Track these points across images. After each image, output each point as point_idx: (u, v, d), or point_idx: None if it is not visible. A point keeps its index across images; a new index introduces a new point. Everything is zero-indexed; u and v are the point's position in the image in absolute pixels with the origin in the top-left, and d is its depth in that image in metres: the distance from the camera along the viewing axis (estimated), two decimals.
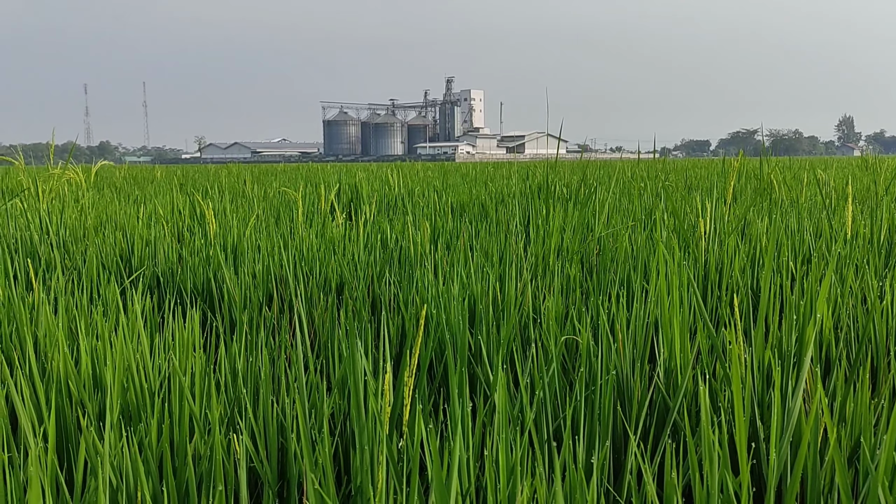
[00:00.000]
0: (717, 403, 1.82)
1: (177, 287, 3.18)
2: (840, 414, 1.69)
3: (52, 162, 6.08)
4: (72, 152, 6.19)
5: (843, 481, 1.29)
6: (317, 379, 1.85)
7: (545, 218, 4.51)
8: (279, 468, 1.73)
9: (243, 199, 7.46)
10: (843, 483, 1.27)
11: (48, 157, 6.13)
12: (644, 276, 3.14)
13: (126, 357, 1.80)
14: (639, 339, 2.09)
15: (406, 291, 2.84)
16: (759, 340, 1.84)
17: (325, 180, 10.43)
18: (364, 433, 1.37)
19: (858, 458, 1.62)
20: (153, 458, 1.50)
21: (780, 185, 5.66)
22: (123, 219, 4.97)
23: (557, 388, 1.80)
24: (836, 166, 13.00)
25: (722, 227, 3.36)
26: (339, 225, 4.53)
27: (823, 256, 3.07)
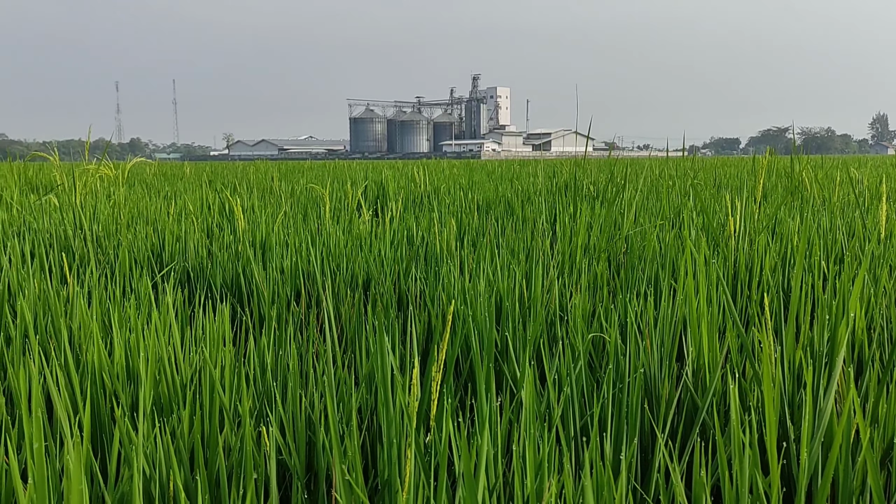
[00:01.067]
0: (746, 403, 1.80)
1: (206, 282, 3.22)
2: (872, 415, 1.66)
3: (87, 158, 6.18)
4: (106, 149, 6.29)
5: (876, 483, 1.27)
6: (344, 374, 1.87)
7: (572, 215, 4.49)
8: (307, 461, 1.75)
9: (271, 195, 7.52)
10: (875, 484, 1.26)
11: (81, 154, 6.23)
12: (672, 274, 3.12)
13: (158, 350, 1.83)
14: (667, 337, 2.08)
15: (432, 288, 2.85)
16: (789, 340, 1.82)
17: (352, 177, 10.49)
18: (392, 427, 1.38)
19: (891, 459, 1.60)
20: (185, 448, 1.53)
21: (811, 184, 5.58)
22: (154, 214, 5.04)
23: (585, 385, 1.80)
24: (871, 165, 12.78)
25: (752, 226, 3.32)
26: (366, 222, 4.55)
27: (856, 256, 3.03)
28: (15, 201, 5.47)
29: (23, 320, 2.04)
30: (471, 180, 9.91)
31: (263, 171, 13.65)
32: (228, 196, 4.63)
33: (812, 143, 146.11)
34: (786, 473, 1.64)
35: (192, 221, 4.39)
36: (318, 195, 7.14)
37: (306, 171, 15.23)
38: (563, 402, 1.65)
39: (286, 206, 5.82)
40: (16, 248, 3.12)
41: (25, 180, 8.27)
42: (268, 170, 13.78)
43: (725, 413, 1.84)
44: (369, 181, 8.75)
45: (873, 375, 1.75)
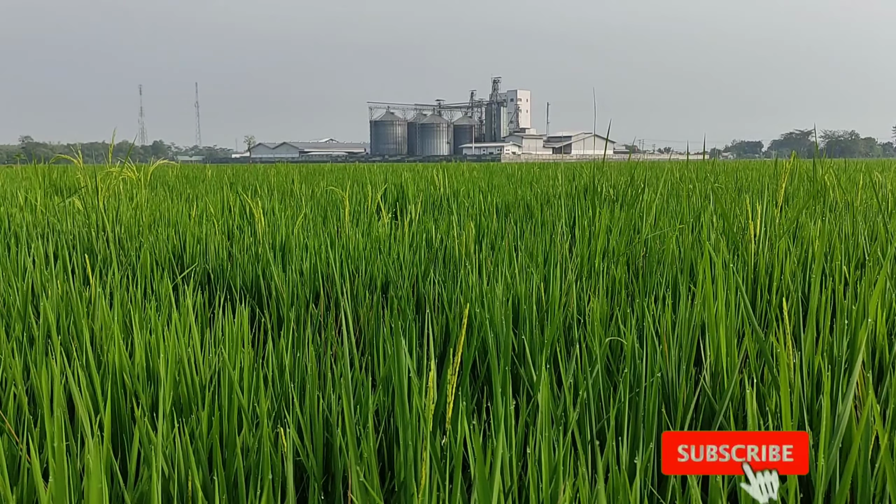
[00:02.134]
0: (764, 408, 1.79)
1: (227, 283, 3.25)
2: (893, 421, 1.65)
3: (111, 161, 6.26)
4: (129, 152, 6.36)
5: (895, 489, 1.26)
6: (362, 376, 1.88)
7: (591, 219, 4.48)
8: (324, 463, 1.76)
9: (291, 198, 7.57)
10: (894, 491, 1.25)
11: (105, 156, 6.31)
12: (691, 278, 3.10)
13: (178, 351, 1.86)
14: (685, 342, 2.07)
15: (450, 291, 2.86)
16: (808, 345, 1.81)
17: (372, 180, 10.53)
18: (408, 430, 1.39)
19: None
20: (203, 449, 1.54)
21: (834, 188, 5.51)
22: (176, 217, 5.09)
23: (601, 389, 1.80)
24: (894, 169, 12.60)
25: (773, 230, 3.29)
26: (385, 224, 4.57)
27: (878, 261, 2.99)
28: (39, 203, 5.56)
29: (45, 321, 2.08)
30: (490, 183, 9.91)
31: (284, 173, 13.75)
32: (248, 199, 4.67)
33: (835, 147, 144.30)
34: (804, 479, 1.63)
35: (212, 224, 4.44)
36: (337, 198, 7.18)
37: (326, 173, 15.31)
38: (580, 406, 1.65)
39: (306, 209, 5.86)
40: (39, 249, 3.17)
41: (50, 182, 8.39)
42: (288, 172, 13.87)
43: (743, 418, 1.82)
44: (389, 184, 8.77)
45: (894, 381, 1.73)
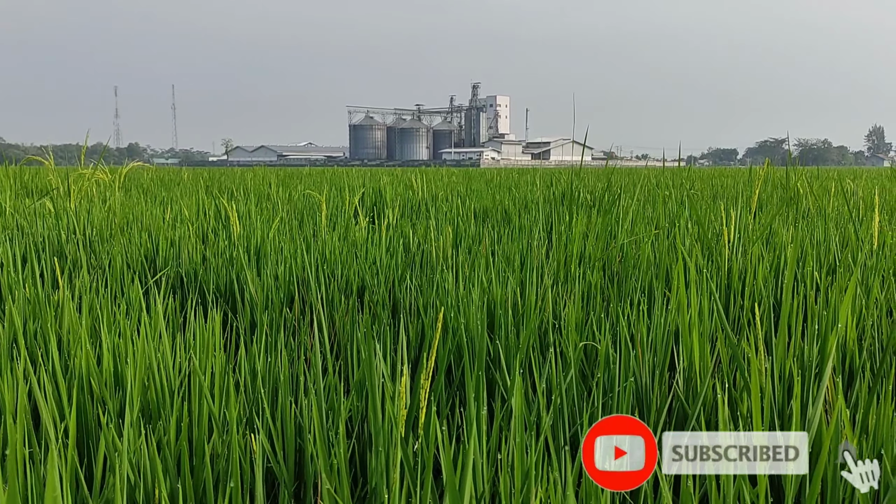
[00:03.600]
0: (736, 412, 1.80)
1: (200, 287, 3.21)
2: (862, 425, 1.66)
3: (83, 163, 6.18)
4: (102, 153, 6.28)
5: (863, 495, 1.27)
6: (335, 381, 1.86)
7: (568, 224, 4.49)
8: (297, 469, 1.74)
9: (268, 201, 7.52)
10: (862, 497, 1.25)
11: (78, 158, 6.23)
12: (666, 283, 3.12)
13: (147, 355, 1.83)
14: (659, 347, 2.07)
15: (426, 295, 2.85)
16: (780, 350, 1.82)
17: (350, 184, 10.49)
18: (380, 435, 1.38)
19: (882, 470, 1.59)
20: (171, 456, 1.52)
21: (806, 195, 5.58)
22: (149, 220, 5.03)
23: (575, 394, 1.80)
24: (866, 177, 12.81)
25: (746, 236, 3.32)
26: (362, 228, 4.55)
27: (849, 267, 3.03)
28: (9, 206, 5.46)
29: (11, 325, 2.04)
30: (469, 188, 9.91)
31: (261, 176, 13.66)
32: (224, 202, 4.63)
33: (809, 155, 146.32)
34: (776, 484, 1.63)
35: (187, 227, 4.39)
36: (315, 202, 7.14)
37: (304, 177, 15.23)
38: (553, 411, 1.64)
39: (283, 213, 5.82)
40: (7, 252, 3.11)
41: (21, 184, 8.26)
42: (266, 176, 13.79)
43: (716, 423, 1.83)
44: (367, 188, 8.75)
45: (864, 386, 1.75)
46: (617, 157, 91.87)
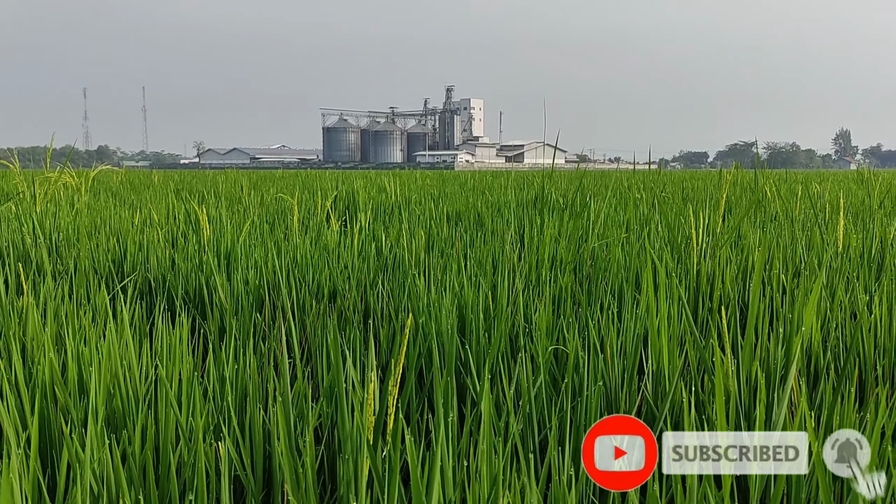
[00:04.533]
0: (703, 415, 1.82)
1: (168, 293, 3.17)
2: (826, 426, 1.69)
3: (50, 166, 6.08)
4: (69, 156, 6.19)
5: (827, 496, 1.29)
6: (305, 386, 1.85)
7: (540, 228, 4.51)
8: (266, 476, 1.72)
9: (239, 205, 7.46)
10: (826, 498, 1.27)
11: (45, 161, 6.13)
12: (636, 286, 3.14)
13: (112, 363, 1.80)
14: (629, 350, 2.09)
15: (398, 300, 2.84)
16: (746, 353, 1.84)
17: (323, 187, 10.44)
18: (348, 442, 1.37)
19: None
20: (136, 465, 1.50)
21: (774, 198, 5.67)
22: (118, 223, 4.96)
23: (545, 398, 1.80)
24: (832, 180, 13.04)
25: (715, 239, 3.36)
26: (334, 232, 4.53)
27: (815, 270, 3.08)
28: None
29: None
30: (442, 191, 9.92)
31: (233, 179, 13.54)
32: (194, 205, 4.58)
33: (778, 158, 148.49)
34: (742, 486, 1.65)
35: (156, 231, 4.34)
36: (287, 205, 7.09)
37: (277, 180, 15.13)
38: (522, 417, 1.65)
39: (254, 216, 5.77)
40: None
41: None
42: (238, 178, 13.67)
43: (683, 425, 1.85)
44: (340, 191, 8.71)
45: (828, 387, 1.78)
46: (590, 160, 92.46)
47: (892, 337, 2.23)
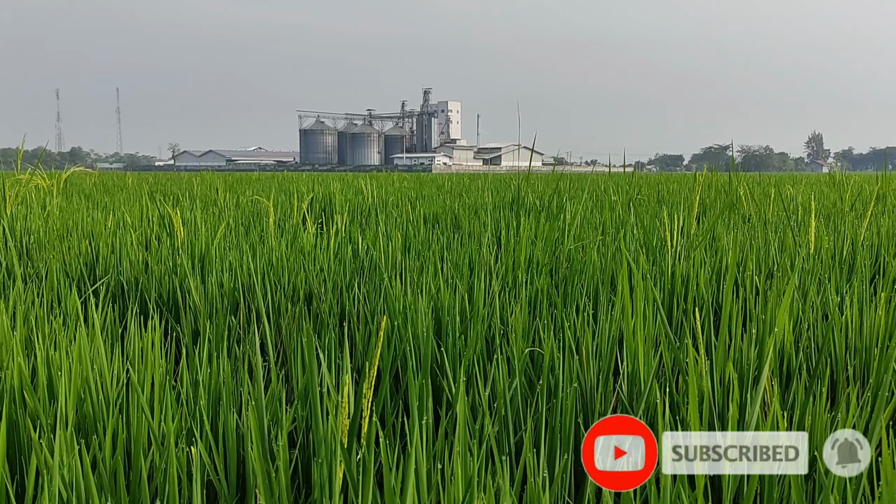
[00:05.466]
0: (678, 416, 1.83)
1: (141, 296, 3.13)
2: (799, 425, 1.70)
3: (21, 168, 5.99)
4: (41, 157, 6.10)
5: (799, 495, 1.30)
6: (280, 389, 1.83)
7: (516, 229, 4.52)
8: (241, 481, 1.71)
9: (215, 207, 7.39)
10: (798, 497, 1.28)
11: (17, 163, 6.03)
12: (612, 288, 3.16)
13: (83, 367, 1.77)
14: (604, 351, 2.10)
15: (374, 302, 2.83)
16: (720, 353, 1.85)
17: (299, 189, 10.38)
18: (322, 446, 1.36)
19: (816, 470, 1.64)
20: (106, 471, 1.47)
21: (748, 200, 5.73)
22: (91, 226, 4.90)
23: (520, 400, 1.80)
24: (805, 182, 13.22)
25: (689, 241, 3.39)
26: (311, 234, 4.50)
27: (787, 271, 3.11)
28: None
29: None
30: (420, 194, 9.91)
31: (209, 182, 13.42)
32: (168, 208, 4.53)
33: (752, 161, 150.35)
34: (717, 485, 1.67)
35: (129, 234, 4.28)
36: (263, 207, 7.04)
37: (253, 182, 15.03)
38: (498, 420, 1.64)
39: (229, 219, 5.73)
40: None
41: None
42: (213, 181, 13.55)
43: None
44: (317, 193, 8.67)
45: (800, 387, 1.80)
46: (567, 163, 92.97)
47: (863, 337, 2.26)
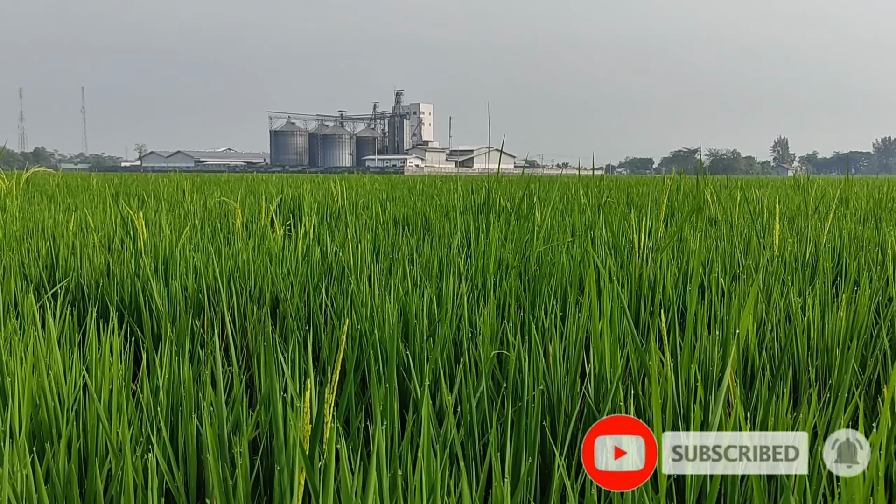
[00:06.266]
0: (644, 418, 1.83)
1: (102, 299, 3.07)
2: (762, 426, 1.71)
3: None
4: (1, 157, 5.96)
5: (760, 496, 1.30)
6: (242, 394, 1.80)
7: (486, 232, 4.52)
8: (202, 489, 1.67)
9: (181, 209, 7.29)
10: (759, 498, 1.29)
11: None
12: (581, 290, 3.17)
13: (39, 373, 1.72)
14: (571, 353, 2.10)
15: (340, 305, 2.80)
16: (685, 355, 1.86)
17: (268, 191, 10.29)
18: (282, 452, 1.33)
19: None
20: (60, 480, 1.43)
21: (714, 203, 5.79)
22: (52, 228, 4.79)
23: (486, 404, 1.79)
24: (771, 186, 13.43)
25: (657, 244, 3.41)
26: (279, 236, 4.45)
27: (751, 273, 3.14)
28: None
29: None
30: (390, 195, 9.88)
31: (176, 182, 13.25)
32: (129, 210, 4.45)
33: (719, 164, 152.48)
34: (680, 487, 1.67)
35: (91, 236, 4.20)
36: (231, 209, 6.96)
37: (222, 183, 14.87)
38: (464, 425, 1.63)
39: (196, 220, 5.65)
40: None
41: None
42: (180, 182, 13.38)
43: None
44: (286, 195, 8.60)
45: (763, 388, 1.81)
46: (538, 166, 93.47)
47: (825, 338, 2.29)
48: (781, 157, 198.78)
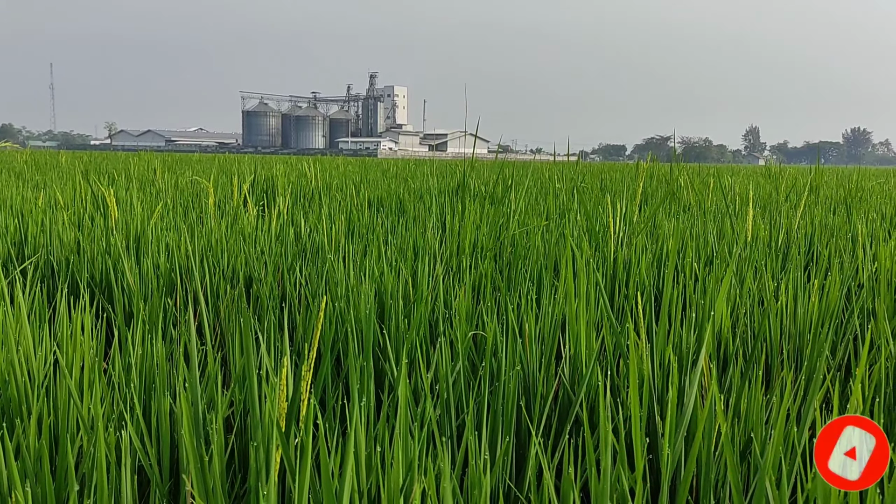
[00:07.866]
0: (618, 399, 1.85)
1: (72, 277, 3.02)
2: (735, 409, 1.74)
3: None
4: None
5: (735, 476, 1.32)
6: (216, 371, 1.78)
7: (461, 215, 4.51)
8: (175, 466, 1.65)
9: (153, 187, 7.18)
10: (734, 478, 1.30)
11: None
12: (555, 273, 3.18)
13: (8, 349, 1.69)
14: (547, 335, 2.10)
15: (315, 284, 2.78)
16: (660, 338, 1.88)
17: (241, 171, 10.17)
18: (258, 429, 1.32)
19: (751, 452, 1.67)
20: (31, 457, 1.40)
21: (688, 190, 5.84)
22: (20, 204, 4.69)
23: (463, 384, 1.79)
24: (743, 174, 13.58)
25: (631, 228, 3.43)
26: (252, 216, 4.40)
27: (725, 258, 3.18)
28: None
29: None
30: (365, 178, 9.82)
31: (147, 161, 13.04)
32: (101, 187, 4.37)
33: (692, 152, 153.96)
34: (655, 468, 1.69)
35: (61, 213, 4.12)
36: (203, 189, 6.87)
37: (194, 163, 14.67)
38: (440, 405, 1.63)
39: (167, 199, 5.56)
40: None
41: None
42: (151, 160, 13.17)
43: None
44: (259, 175, 8.50)
45: (736, 371, 1.83)
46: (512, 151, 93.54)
47: (797, 323, 2.32)
48: (753, 146, 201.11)
